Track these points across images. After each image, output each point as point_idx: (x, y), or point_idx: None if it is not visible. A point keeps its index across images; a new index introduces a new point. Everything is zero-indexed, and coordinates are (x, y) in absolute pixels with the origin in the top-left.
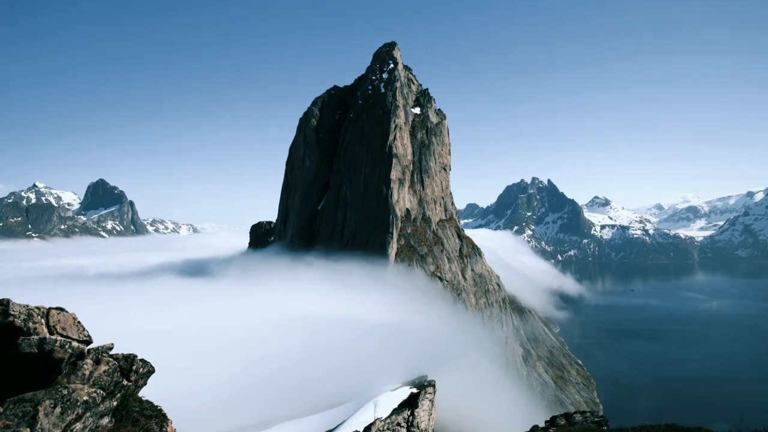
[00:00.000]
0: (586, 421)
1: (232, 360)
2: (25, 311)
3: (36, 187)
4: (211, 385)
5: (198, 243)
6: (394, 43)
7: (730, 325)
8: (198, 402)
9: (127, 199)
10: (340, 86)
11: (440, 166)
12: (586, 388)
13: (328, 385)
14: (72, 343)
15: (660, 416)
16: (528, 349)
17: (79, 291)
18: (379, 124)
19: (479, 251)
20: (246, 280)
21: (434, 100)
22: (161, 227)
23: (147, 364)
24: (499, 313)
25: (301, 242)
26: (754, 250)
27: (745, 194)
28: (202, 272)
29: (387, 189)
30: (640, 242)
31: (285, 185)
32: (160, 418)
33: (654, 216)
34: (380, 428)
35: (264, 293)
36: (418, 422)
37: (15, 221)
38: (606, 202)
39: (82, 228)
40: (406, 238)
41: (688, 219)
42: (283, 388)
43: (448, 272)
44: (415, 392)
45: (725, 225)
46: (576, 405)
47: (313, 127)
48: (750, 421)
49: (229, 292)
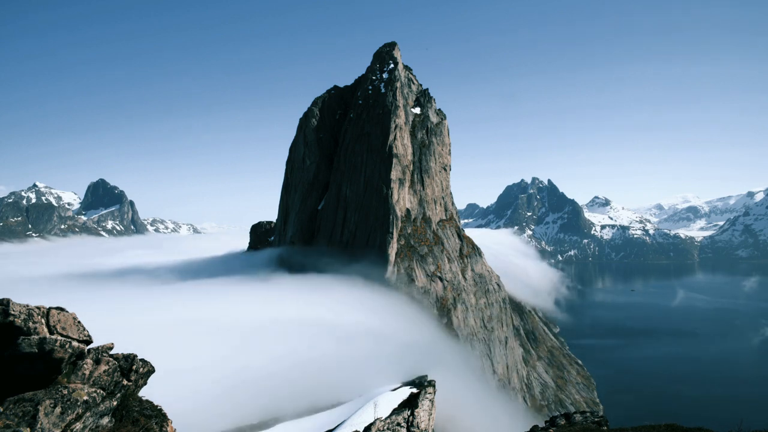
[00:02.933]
0: (586, 421)
1: (232, 360)
2: (25, 311)
3: (36, 187)
4: (212, 385)
5: (198, 243)
6: (394, 43)
7: (730, 325)
8: (198, 402)
9: (128, 198)
10: (341, 86)
11: (440, 166)
12: (586, 388)
13: (328, 385)
14: (72, 342)
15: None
16: (528, 349)
17: (79, 292)
18: (379, 124)
19: (479, 251)
20: (245, 281)
21: (434, 100)
22: (161, 227)
23: (147, 363)
24: (499, 313)
25: (301, 243)
26: (754, 250)
27: (745, 194)
28: (202, 272)
29: (387, 189)
30: (640, 242)
31: (285, 185)
32: (160, 418)
33: (654, 216)
34: (380, 428)
35: (263, 294)
36: (418, 422)
37: (15, 221)
38: (606, 202)
39: (82, 228)
40: (406, 238)
41: (688, 219)
42: (283, 388)
43: (449, 272)
44: (415, 392)
45: (725, 225)
46: (576, 405)
47: (313, 127)
48: (750, 421)
49: (228, 293)
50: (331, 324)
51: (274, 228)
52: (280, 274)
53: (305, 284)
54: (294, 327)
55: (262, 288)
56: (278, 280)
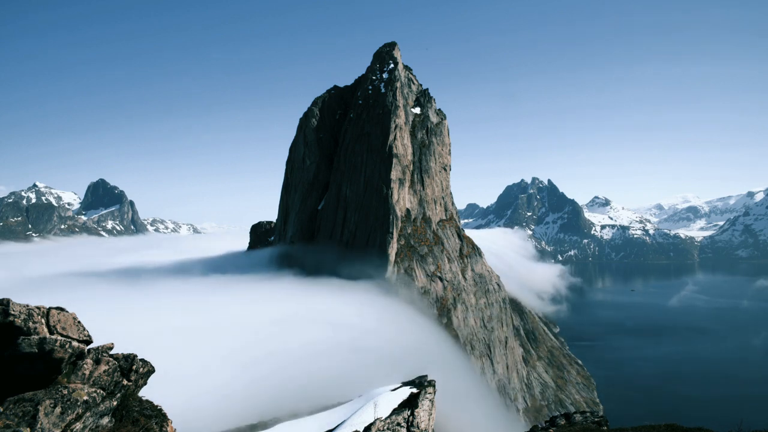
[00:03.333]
0: (586, 421)
1: (232, 360)
2: (25, 311)
3: (36, 187)
4: (212, 384)
5: (198, 243)
6: (394, 43)
7: (730, 325)
8: (198, 402)
9: (128, 198)
10: (341, 86)
11: (440, 166)
12: (586, 388)
13: (328, 385)
14: (72, 342)
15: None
16: (528, 349)
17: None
18: (379, 124)
19: (479, 251)
20: (245, 281)
21: (434, 100)
22: (161, 227)
23: (147, 363)
24: (499, 313)
25: (301, 242)
26: (754, 250)
27: (745, 194)
28: (202, 272)
29: (387, 189)
30: (640, 242)
31: (285, 185)
32: (160, 417)
33: (654, 216)
34: (380, 428)
35: (263, 294)
36: (418, 422)
37: (15, 221)
38: (606, 202)
39: (83, 228)
40: (406, 238)
41: (688, 219)
42: (283, 388)
43: (449, 272)
44: (415, 392)
45: (725, 225)
46: (576, 405)
47: (314, 127)
48: (750, 421)
49: (228, 293)
50: (331, 324)
51: (274, 228)
52: (280, 275)
53: (305, 284)
54: (294, 327)
55: (262, 288)
56: (278, 281)
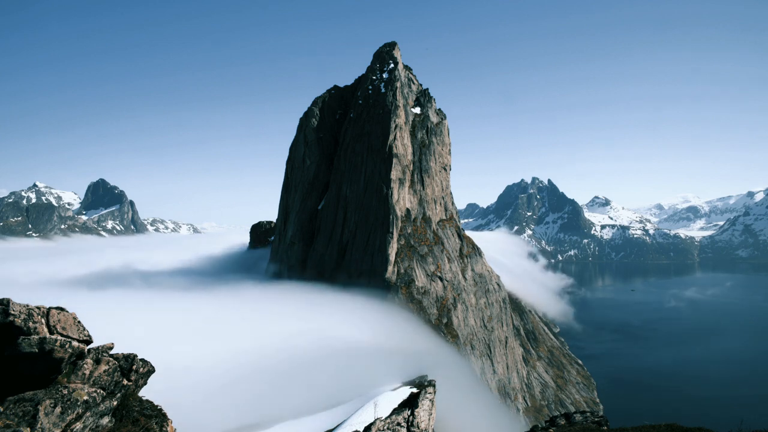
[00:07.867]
0: (586, 421)
1: (232, 360)
2: (26, 311)
3: (36, 187)
4: (212, 385)
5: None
6: (394, 43)
7: (730, 325)
8: (198, 402)
9: (128, 198)
10: (341, 86)
11: (440, 166)
12: (586, 388)
13: (328, 385)
14: (72, 342)
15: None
16: (528, 349)
17: (79, 291)
18: (379, 123)
19: (479, 251)
20: (245, 281)
21: (434, 99)
22: (161, 227)
23: (147, 363)
24: (499, 313)
25: (301, 242)
26: (754, 250)
27: (745, 194)
28: (202, 272)
29: (387, 189)
30: (640, 242)
31: (285, 185)
32: (160, 417)
33: (654, 216)
34: (380, 428)
35: (263, 294)
36: (419, 422)
37: (15, 221)
38: (606, 202)
39: (83, 228)
40: (406, 238)
41: (688, 219)
42: (283, 388)
43: (449, 272)
44: (415, 392)
45: (725, 225)
46: (576, 405)
47: (314, 127)
48: (750, 421)
49: (228, 293)
50: (331, 324)
51: (274, 228)
52: (280, 275)
53: (305, 284)
54: (294, 327)
55: (262, 288)
56: (278, 280)
